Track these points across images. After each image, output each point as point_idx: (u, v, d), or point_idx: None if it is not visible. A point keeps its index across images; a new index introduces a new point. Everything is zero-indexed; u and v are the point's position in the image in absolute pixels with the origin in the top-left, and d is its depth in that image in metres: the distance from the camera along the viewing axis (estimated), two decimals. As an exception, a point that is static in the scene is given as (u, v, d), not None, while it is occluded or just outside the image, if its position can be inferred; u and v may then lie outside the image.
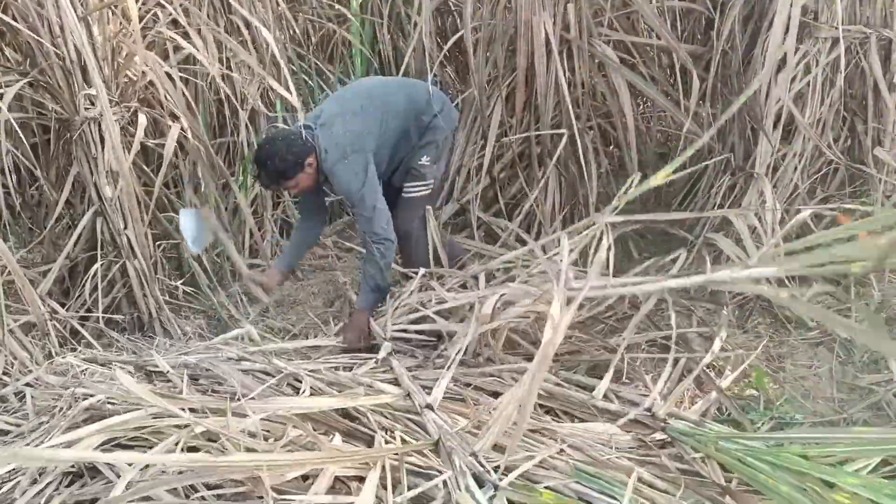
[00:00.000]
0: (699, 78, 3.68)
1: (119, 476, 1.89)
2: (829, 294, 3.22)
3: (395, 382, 2.32)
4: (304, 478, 1.82)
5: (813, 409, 2.54)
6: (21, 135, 3.17)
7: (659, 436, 2.13)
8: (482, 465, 1.77)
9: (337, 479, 1.79)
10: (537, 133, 3.82)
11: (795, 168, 3.38)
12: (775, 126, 3.44)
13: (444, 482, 1.75)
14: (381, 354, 2.52)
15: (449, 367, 2.28)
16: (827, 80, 3.40)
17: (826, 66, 3.38)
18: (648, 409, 2.19)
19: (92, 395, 2.20)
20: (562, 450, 1.97)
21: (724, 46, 3.63)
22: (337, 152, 2.82)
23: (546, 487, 1.77)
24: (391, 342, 2.62)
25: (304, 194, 3.02)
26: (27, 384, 2.58)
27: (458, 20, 4.85)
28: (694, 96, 3.64)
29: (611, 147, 4.26)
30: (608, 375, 2.40)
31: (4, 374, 2.70)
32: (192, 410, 2.07)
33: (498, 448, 1.92)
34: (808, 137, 3.38)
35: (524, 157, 4.04)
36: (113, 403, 2.15)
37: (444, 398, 2.20)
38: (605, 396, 2.33)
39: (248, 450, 1.80)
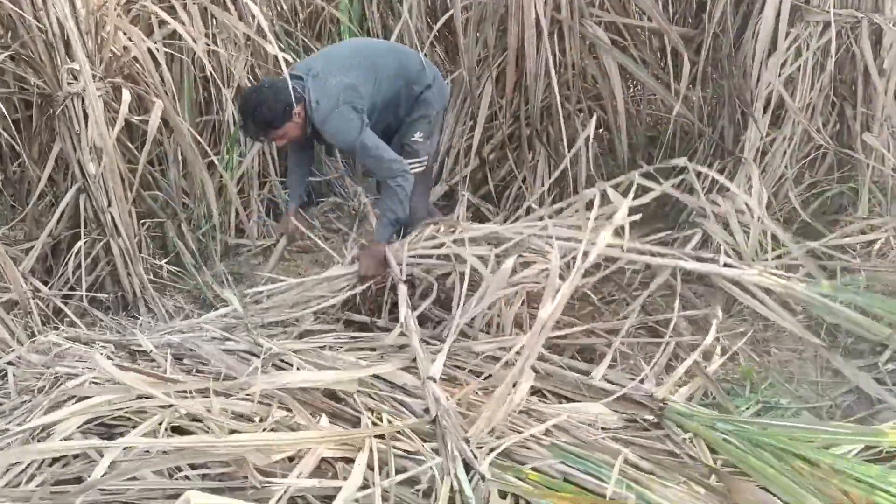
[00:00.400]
0: (690, 61, 3.66)
1: (102, 455, 1.88)
2: (813, 277, 3.23)
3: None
4: (290, 459, 1.81)
5: (798, 394, 2.55)
6: (3, 109, 3.11)
7: (647, 416, 2.14)
8: (473, 454, 1.77)
9: (323, 460, 1.79)
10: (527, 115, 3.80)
11: (784, 152, 3.38)
12: (765, 110, 3.44)
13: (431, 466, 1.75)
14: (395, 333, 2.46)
15: (453, 332, 2.26)
16: (818, 64, 3.39)
17: (817, 50, 3.37)
18: (647, 392, 2.19)
19: (74, 375, 2.18)
20: (548, 430, 1.97)
21: (715, 29, 3.62)
22: (329, 103, 2.78)
23: (532, 468, 1.76)
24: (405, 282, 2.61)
25: (291, 144, 3.00)
26: (9, 363, 2.55)
27: (448, -1, 4.81)
28: (684, 79, 3.63)
29: (601, 130, 4.24)
30: (607, 358, 2.40)
31: (-14, 352, 2.67)
32: (175, 390, 2.06)
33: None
34: (798, 122, 3.38)
35: (514, 138, 4.02)
36: (97, 383, 2.12)
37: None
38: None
39: (232, 431, 1.79)
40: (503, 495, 1.66)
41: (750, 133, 3.42)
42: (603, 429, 2.07)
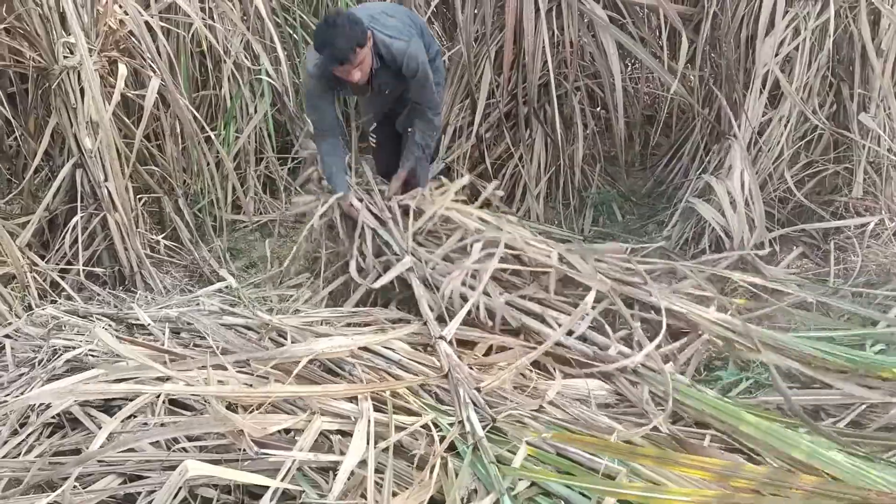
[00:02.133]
0: (688, 40, 3.65)
1: (100, 427, 1.90)
2: (807, 257, 3.26)
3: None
4: (287, 431, 1.83)
5: (788, 371, 2.57)
6: (-3, 83, 3.10)
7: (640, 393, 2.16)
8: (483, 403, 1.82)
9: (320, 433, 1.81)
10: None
11: (781, 133, 3.38)
12: (762, 90, 3.43)
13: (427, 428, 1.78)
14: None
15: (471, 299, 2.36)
16: (815, 44, 3.39)
17: (815, 29, 3.36)
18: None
19: (72, 347, 2.19)
20: (541, 406, 2.00)
21: (714, 8, 3.60)
22: (403, 35, 2.94)
23: (526, 442, 1.79)
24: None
25: (352, 87, 3.03)
26: (7, 335, 2.56)
27: (447, -25, 4.77)
28: (682, 58, 3.62)
29: (598, 108, 4.24)
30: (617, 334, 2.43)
31: (-17, 325, 2.68)
32: (173, 362, 2.07)
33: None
34: (794, 103, 3.38)
35: (511, 116, 4.01)
36: (94, 356, 2.14)
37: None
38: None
39: (228, 406, 1.80)
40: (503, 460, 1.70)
41: (746, 113, 3.42)
42: (596, 405, 2.10)
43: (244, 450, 1.72)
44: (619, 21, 3.93)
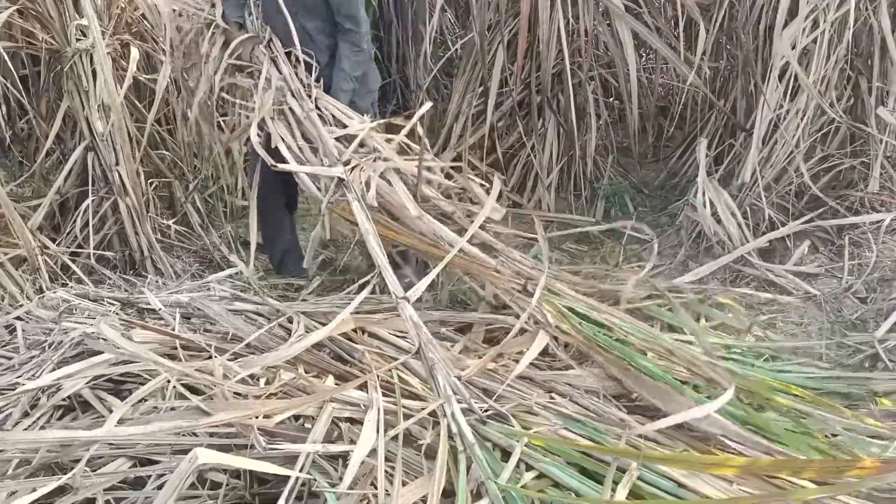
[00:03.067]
0: (705, 30, 3.61)
1: (111, 412, 1.90)
2: (820, 252, 3.24)
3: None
4: (296, 418, 1.82)
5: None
6: (10, 65, 3.09)
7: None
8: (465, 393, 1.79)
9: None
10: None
11: (797, 126, 3.35)
12: (779, 82, 3.40)
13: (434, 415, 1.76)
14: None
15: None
16: (834, 36, 3.34)
17: (834, 21, 3.31)
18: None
19: (83, 331, 2.19)
20: (552, 397, 1.98)
21: (731, -1, 3.57)
22: None
23: (535, 432, 1.78)
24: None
25: None
26: (18, 317, 2.56)
27: (461, -38, 4.74)
28: (699, 49, 3.58)
29: (611, 98, 4.21)
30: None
31: (-5, 307, 2.69)
32: (184, 347, 2.07)
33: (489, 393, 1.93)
34: (811, 96, 3.34)
35: (523, 105, 3.99)
36: (104, 339, 2.14)
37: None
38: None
39: (237, 394, 1.80)
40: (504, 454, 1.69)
41: (762, 105, 3.38)
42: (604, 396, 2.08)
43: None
44: (635, 10, 3.90)
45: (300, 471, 1.62)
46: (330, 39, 2.87)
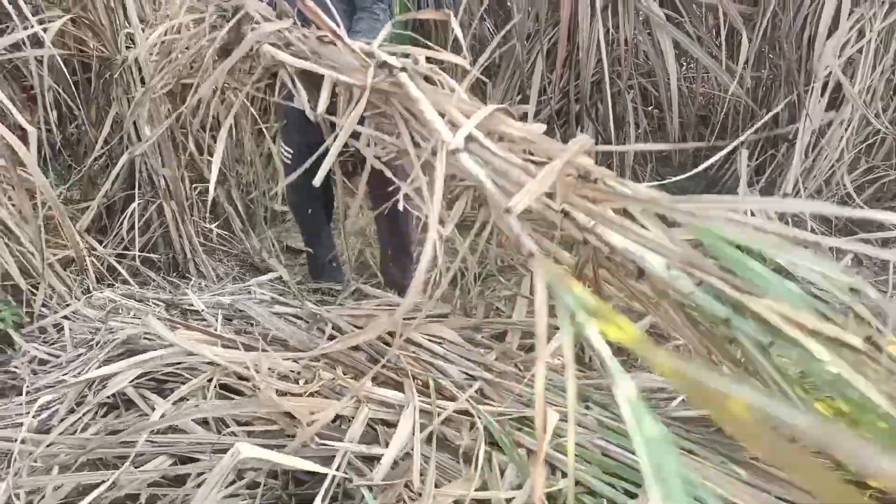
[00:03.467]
0: (747, 39, 3.58)
1: (153, 409, 1.95)
2: (863, 265, 3.18)
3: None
4: (334, 419, 1.85)
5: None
6: (65, 72, 3.19)
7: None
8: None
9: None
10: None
11: (841, 136, 3.30)
12: (823, 92, 3.35)
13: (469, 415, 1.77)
14: None
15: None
16: (881, 46, 3.29)
17: (881, 31, 3.26)
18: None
19: (128, 330, 2.25)
20: (588, 406, 1.98)
21: (774, 7, 3.53)
22: None
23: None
24: None
25: None
26: (65, 317, 2.64)
27: (501, -28, 4.75)
28: (741, 59, 3.55)
29: (651, 107, 4.18)
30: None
31: (44, 306, 2.77)
32: (225, 348, 2.12)
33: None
34: (856, 106, 3.29)
35: (561, 114, 3.99)
36: (149, 339, 2.19)
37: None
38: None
39: (278, 392, 1.83)
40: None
41: (805, 116, 3.34)
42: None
43: (293, 436, 1.75)
44: (676, 19, 3.88)
45: (340, 468, 1.65)
46: (348, 6, 2.68)
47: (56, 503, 1.77)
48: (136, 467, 1.83)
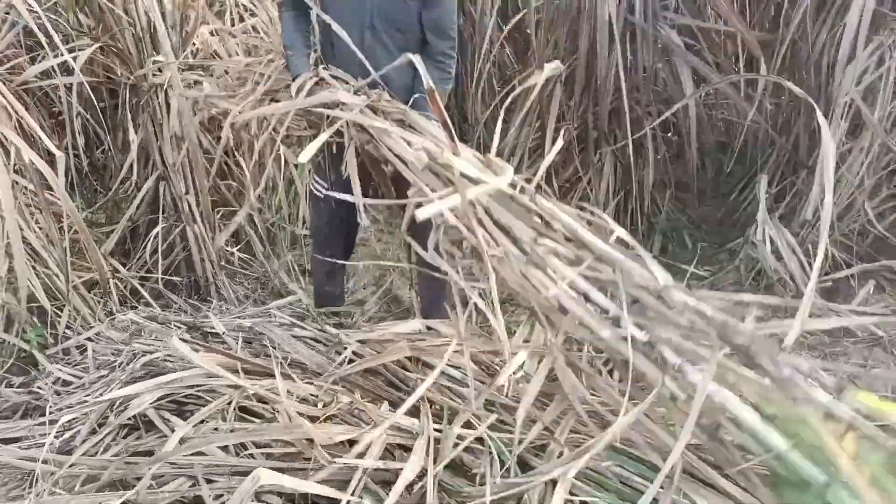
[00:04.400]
0: (766, 67, 3.59)
1: (173, 431, 1.97)
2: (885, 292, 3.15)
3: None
4: (351, 443, 1.86)
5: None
6: (93, 98, 3.26)
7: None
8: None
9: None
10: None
11: (861, 163, 3.29)
12: (843, 119, 3.35)
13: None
14: None
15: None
16: (901, 73, 3.29)
17: (901, 59, 3.26)
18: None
19: (150, 352, 2.28)
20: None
21: (793, 35, 3.54)
22: None
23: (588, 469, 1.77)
24: None
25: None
26: (88, 338, 2.69)
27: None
28: (760, 86, 3.55)
29: (669, 133, 4.19)
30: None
31: (68, 327, 2.81)
32: (245, 371, 2.14)
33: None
34: (877, 134, 3.28)
35: (581, 140, 4.01)
36: (171, 361, 2.22)
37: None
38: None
39: (299, 414, 1.85)
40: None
41: (825, 143, 3.33)
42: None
43: (311, 459, 1.76)
44: (695, 47, 3.90)
45: (353, 493, 1.66)
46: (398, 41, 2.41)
47: (76, 524, 1.79)
48: (154, 488, 1.85)
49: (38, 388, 2.45)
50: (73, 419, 2.18)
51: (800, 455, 1.31)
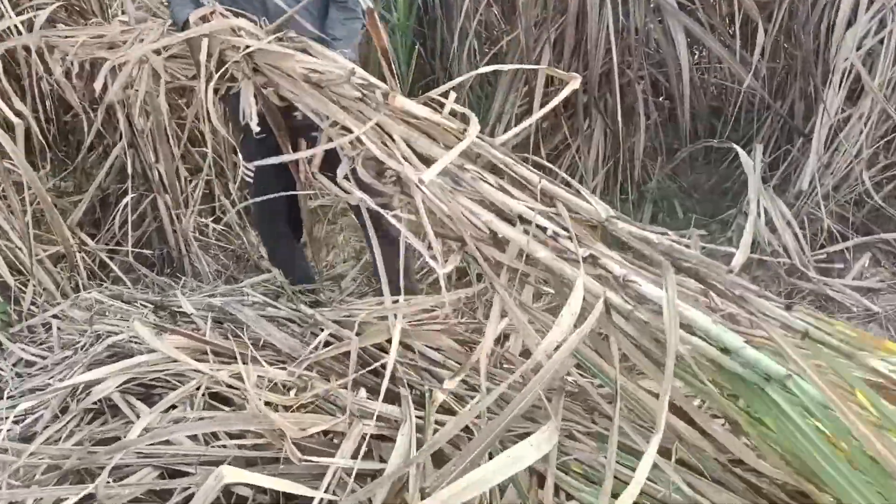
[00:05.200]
0: (763, 29, 3.46)
1: (139, 417, 1.87)
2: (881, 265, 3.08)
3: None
4: (326, 433, 1.76)
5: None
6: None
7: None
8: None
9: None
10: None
11: (860, 131, 3.18)
12: (841, 85, 3.23)
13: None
14: None
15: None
16: (903, 36, 3.17)
17: (903, 21, 3.14)
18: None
19: (115, 333, 2.17)
20: (593, 420, 1.89)
21: (791, -4, 3.41)
22: None
23: (575, 459, 1.69)
24: None
25: None
26: (55, 315, 2.56)
27: (508, -43, 4.63)
28: (756, 49, 3.43)
29: (661, 98, 4.07)
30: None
31: (33, 304, 2.69)
32: (215, 354, 2.03)
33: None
34: (876, 100, 3.17)
35: (569, 105, 3.87)
36: (136, 343, 2.11)
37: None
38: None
39: (268, 403, 1.74)
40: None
41: (822, 110, 3.22)
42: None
43: (282, 449, 1.67)
44: (689, 7, 3.76)
45: (328, 488, 1.56)
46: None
47: (34, 519, 1.69)
48: (119, 479, 1.75)
49: (0, 369, 2.34)
50: (37, 404, 2.07)
51: (756, 351, 1.29)
